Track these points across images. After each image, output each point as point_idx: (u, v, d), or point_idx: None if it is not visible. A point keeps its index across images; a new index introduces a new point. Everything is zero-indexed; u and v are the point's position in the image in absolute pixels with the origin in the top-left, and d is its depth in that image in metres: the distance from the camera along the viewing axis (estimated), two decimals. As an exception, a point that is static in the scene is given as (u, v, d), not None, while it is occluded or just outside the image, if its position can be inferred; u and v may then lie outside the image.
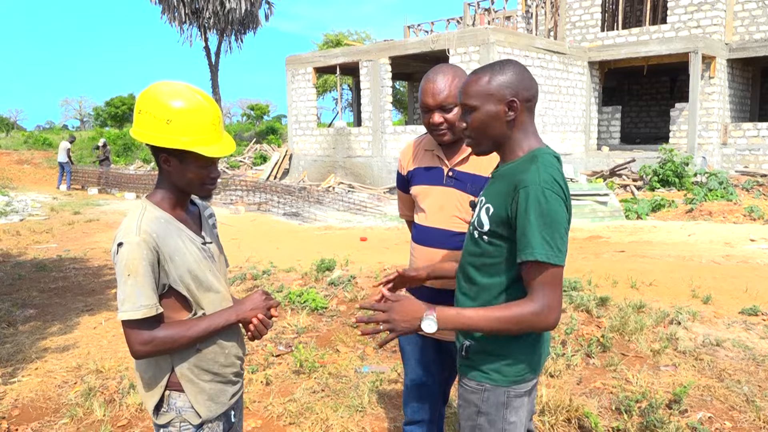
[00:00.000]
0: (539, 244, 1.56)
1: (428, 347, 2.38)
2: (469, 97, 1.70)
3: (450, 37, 16.13)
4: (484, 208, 1.72)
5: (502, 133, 1.70)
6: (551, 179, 1.60)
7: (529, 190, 1.58)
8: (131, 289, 1.60)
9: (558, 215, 1.58)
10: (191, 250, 1.72)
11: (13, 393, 3.86)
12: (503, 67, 1.69)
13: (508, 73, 1.68)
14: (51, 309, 5.90)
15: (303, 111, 20.25)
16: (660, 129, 22.45)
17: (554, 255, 1.57)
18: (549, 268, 1.58)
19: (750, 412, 3.33)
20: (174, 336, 1.65)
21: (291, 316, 5.22)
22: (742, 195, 13.49)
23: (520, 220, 1.59)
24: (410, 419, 2.48)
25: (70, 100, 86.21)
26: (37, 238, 10.34)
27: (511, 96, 1.66)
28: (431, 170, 2.30)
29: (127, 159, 26.98)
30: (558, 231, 1.58)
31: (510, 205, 1.62)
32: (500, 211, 1.66)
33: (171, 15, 26.79)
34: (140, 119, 1.68)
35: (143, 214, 1.68)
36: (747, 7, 18.92)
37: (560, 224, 1.59)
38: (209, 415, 1.75)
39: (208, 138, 1.68)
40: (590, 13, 21.09)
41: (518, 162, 1.69)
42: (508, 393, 1.74)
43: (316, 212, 14.02)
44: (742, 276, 6.20)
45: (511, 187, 1.63)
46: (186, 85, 1.71)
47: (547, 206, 1.57)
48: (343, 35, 36.84)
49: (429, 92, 2.17)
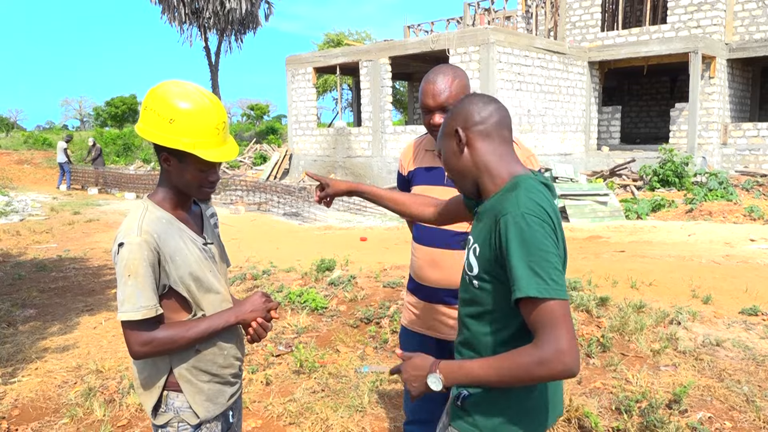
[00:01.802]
0: (527, 277, 1.37)
1: (428, 346, 2.38)
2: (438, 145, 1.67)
3: (450, 37, 16.13)
4: (471, 249, 1.57)
5: (465, 167, 1.59)
6: (534, 204, 1.44)
7: (508, 218, 1.42)
8: (131, 290, 1.59)
9: (543, 243, 1.39)
10: (192, 250, 1.72)
11: (13, 393, 3.86)
12: (456, 104, 1.64)
13: (458, 106, 1.62)
14: (51, 309, 5.90)
15: (303, 111, 20.25)
16: (660, 129, 22.46)
17: (548, 288, 1.36)
18: (546, 304, 1.36)
19: (750, 412, 3.33)
20: (173, 337, 1.65)
21: (291, 316, 5.22)
22: (742, 195, 13.49)
23: (504, 254, 1.42)
24: (411, 419, 2.48)
25: (70, 100, 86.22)
26: (37, 238, 10.34)
27: (457, 126, 1.58)
28: (432, 170, 2.30)
29: (127, 159, 26.98)
30: (547, 259, 1.38)
31: (493, 241, 1.46)
32: (485, 250, 1.50)
33: (171, 15, 26.81)
34: (145, 115, 1.68)
35: (144, 214, 1.67)
36: (747, 7, 18.92)
37: (548, 252, 1.39)
38: (207, 415, 1.75)
39: (209, 141, 1.67)
40: (590, 13, 21.09)
41: (500, 193, 1.54)
42: None
43: (316, 212, 14.02)
44: (742, 276, 6.20)
45: (492, 220, 1.48)
46: (195, 87, 1.70)
47: (530, 233, 1.39)
48: (344, 35, 36.85)
49: (429, 93, 2.17)
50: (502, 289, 1.47)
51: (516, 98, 16.32)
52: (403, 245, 9.16)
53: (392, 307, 5.17)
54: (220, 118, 1.69)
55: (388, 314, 5.05)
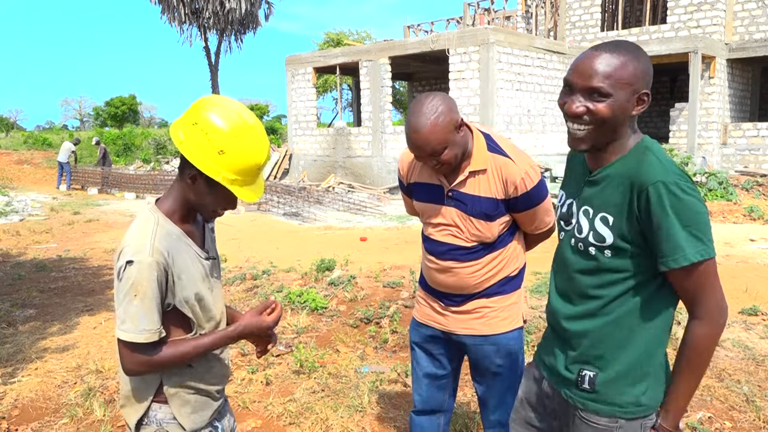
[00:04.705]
0: (689, 245, 1.37)
1: (437, 339, 2.41)
2: (602, 81, 1.44)
3: (450, 37, 16.13)
4: (599, 218, 1.50)
5: (623, 128, 1.50)
6: (677, 167, 1.43)
7: (660, 187, 1.39)
8: (135, 311, 1.52)
9: (699, 206, 1.39)
10: (198, 268, 1.68)
11: (13, 393, 3.86)
12: (638, 53, 1.47)
13: (642, 60, 1.47)
14: (51, 309, 5.90)
15: (303, 111, 20.25)
16: (660, 129, 22.45)
17: (706, 248, 1.38)
18: (706, 264, 1.38)
19: (750, 412, 3.33)
20: (171, 358, 1.60)
21: (291, 316, 5.22)
22: (742, 195, 13.49)
23: (659, 223, 1.39)
24: (420, 408, 2.51)
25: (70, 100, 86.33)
26: (37, 238, 10.34)
27: (645, 88, 1.47)
28: (431, 187, 2.28)
29: (127, 159, 26.99)
30: (704, 222, 1.39)
31: (635, 209, 1.43)
32: (621, 220, 1.46)
33: (171, 15, 26.79)
34: (192, 132, 1.54)
35: (156, 230, 1.59)
36: (747, 7, 18.92)
37: (704, 213, 1.40)
38: (194, 426, 1.71)
39: (247, 180, 1.60)
40: (590, 13, 21.09)
41: (627, 158, 1.49)
42: (643, 425, 1.52)
43: (316, 212, 14.02)
44: (742, 276, 6.20)
45: (627, 188, 1.45)
46: (255, 121, 1.59)
47: (687, 199, 1.38)
48: (344, 35, 36.86)
49: (414, 145, 2.09)
50: (644, 256, 1.46)
51: (516, 98, 16.32)
52: (402, 245, 9.16)
53: (392, 307, 5.17)
54: (266, 157, 1.62)
55: (388, 314, 5.05)
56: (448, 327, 2.35)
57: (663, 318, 1.51)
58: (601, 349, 1.54)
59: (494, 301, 2.27)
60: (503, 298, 2.28)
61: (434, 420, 2.51)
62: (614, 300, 1.51)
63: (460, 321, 2.32)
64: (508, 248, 2.27)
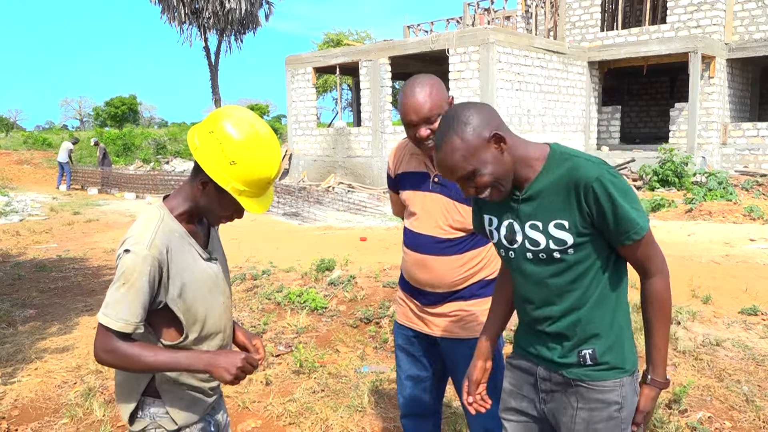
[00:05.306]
0: (639, 217, 1.58)
1: (418, 340, 2.42)
2: (460, 168, 1.57)
3: (450, 37, 16.13)
4: (552, 226, 1.62)
5: (508, 167, 1.61)
6: (598, 159, 1.62)
7: (602, 180, 1.56)
8: (119, 298, 1.54)
9: (628, 185, 1.61)
10: (199, 268, 1.69)
11: (13, 393, 3.86)
12: (462, 118, 1.57)
13: (471, 120, 1.57)
14: (51, 309, 5.90)
15: (303, 111, 20.24)
16: (660, 129, 22.45)
17: (647, 217, 1.61)
18: (649, 232, 1.61)
19: (750, 411, 3.33)
20: (135, 357, 1.57)
21: (291, 316, 5.22)
22: (742, 195, 13.48)
23: (612, 210, 1.56)
24: (405, 412, 2.51)
25: (70, 100, 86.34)
26: (37, 238, 10.34)
27: (491, 131, 1.57)
28: (417, 175, 2.31)
29: (126, 159, 26.99)
30: (636, 196, 1.61)
31: (584, 207, 1.58)
32: (574, 219, 1.60)
33: (171, 15, 26.78)
34: (208, 140, 1.57)
35: (159, 225, 1.61)
36: (747, 7, 18.92)
37: (633, 189, 1.62)
38: (187, 421, 1.72)
39: (256, 192, 1.63)
40: (590, 13, 21.09)
41: (551, 169, 1.63)
42: (635, 374, 1.74)
43: (316, 212, 14.02)
44: (742, 276, 6.20)
45: (568, 192, 1.59)
46: (271, 135, 1.61)
47: (621, 183, 1.59)
48: (344, 35, 36.86)
49: (411, 108, 2.12)
50: (598, 237, 1.63)
51: (516, 98, 16.32)
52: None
53: (392, 307, 5.17)
54: (276, 172, 1.63)
55: (387, 314, 5.05)
56: (426, 329, 2.36)
57: (624, 282, 1.73)
58: (594, 328, 1.68)
59: (471, 304, 2.29)
60: (481, 302, 2.28)
61: (422, 424, 2.51)
62: (590, 284, 1.66)
63: (437, 323, 2.33)
64: (489, 248, 2.28)
